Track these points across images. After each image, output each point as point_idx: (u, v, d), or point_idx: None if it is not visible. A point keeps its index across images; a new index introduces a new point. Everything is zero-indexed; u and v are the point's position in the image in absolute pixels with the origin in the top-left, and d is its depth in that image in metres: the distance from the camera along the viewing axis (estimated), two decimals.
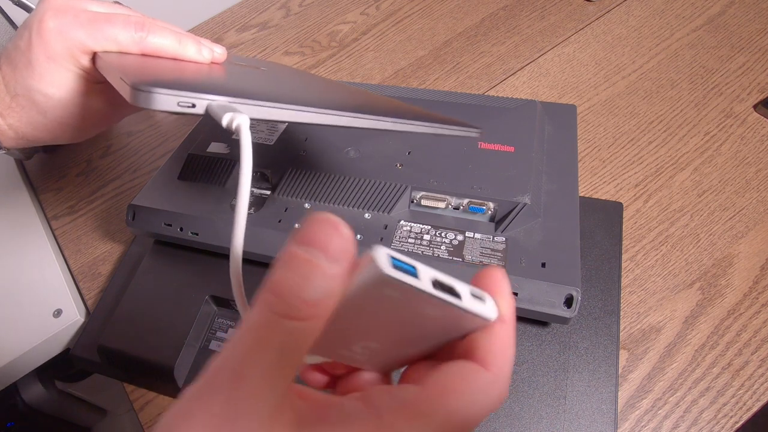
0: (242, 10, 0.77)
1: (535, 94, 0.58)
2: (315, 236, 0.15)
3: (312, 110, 0.27)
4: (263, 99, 0.26)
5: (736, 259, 0.43)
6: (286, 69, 0.48)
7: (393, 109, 0.35)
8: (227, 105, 0.25)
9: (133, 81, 0.25)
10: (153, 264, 0.45)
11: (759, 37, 0.58)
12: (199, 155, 0.47)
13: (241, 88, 0.31)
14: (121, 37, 0.33)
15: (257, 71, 0.40)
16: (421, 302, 0.16)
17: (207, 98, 0.25)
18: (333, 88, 0.41)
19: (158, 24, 0.35)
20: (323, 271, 0.15)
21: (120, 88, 0.27)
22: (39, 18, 0.33)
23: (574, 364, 0.37)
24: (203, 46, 0.36)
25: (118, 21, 0.33)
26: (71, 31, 0.32)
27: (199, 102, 0.25)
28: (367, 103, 0.36)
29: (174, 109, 0.24)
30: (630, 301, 0.42)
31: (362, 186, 0.42)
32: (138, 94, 0.24)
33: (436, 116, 0.36)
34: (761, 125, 0.51)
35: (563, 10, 0.66)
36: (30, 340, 0.48)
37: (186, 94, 0.24)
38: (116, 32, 0.33)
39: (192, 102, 0.24)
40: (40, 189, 0.61)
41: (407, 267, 0.15)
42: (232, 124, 0.23)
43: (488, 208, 0.40)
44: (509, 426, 0.34)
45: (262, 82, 0.37)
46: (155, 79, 0.26)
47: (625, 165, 0.51)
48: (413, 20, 0.70)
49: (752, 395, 0.37)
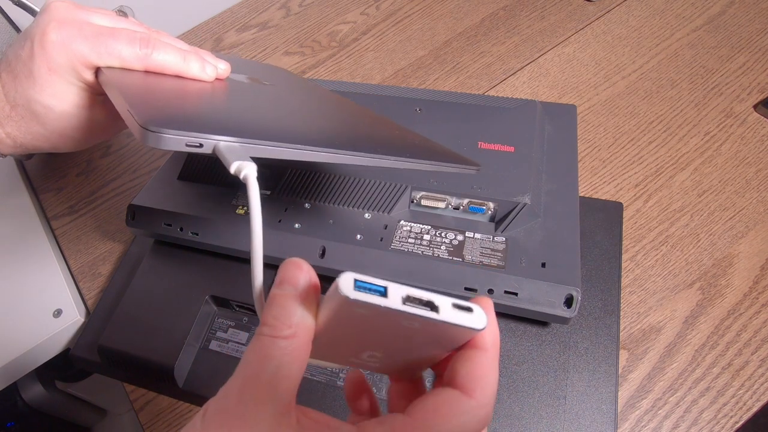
0: (242, 10, 0.77)
1: (535, 94, 0.58)
2: (286, 276, 0.20)
3: (317, 150, 0.28)
4: (269, 138, 0.27)
5: (736, 259, 0.43)
6: (289, 81, 0.48)
7: (397, 142, 0.36)
8: (235, 147, 0.25)
9: (143, 120, 0.25)
10: (153, 264, 0.45)
11: (759, 37, 0.58)
12: (199, 155, 0.47)
13: (248, 124, 0.31)
14: (125, 53, 0.33)
15: (260, 90, 0.40)
16: (397, 318, 0.17)
17: (214, 139, 0.25)
18: (338, 114, 0.41)
19: (163, 40, 0.34)
20: (295, 299, 0.19)
21: (126, 119, 0.27)
22: (42, 29, 0.32)
23: (574, 364, 0.37)
24: (207, 63, 0.35)
25: (123, 36, 0.33)
26: (74, 45, 0.32)
27: (207, 143, 0.25)
28: (371, 136, 0.37)
29: (182, 149, 0.25)
30: (630, 301, 0.42)
31: (362, 186, 0.42)
32: (147, 134, 0.25)
33: (438, 151, 0.37)
34: (761, 125, 0.51)
35: (563, 10, 0.66)
36: (30, 340, 0.48)
37: (194, 135, 0.25)
38: (120, 48, 0.33)
39: (200, 142, 0.25)
40: (40, 189, 0.61)
41: (375, 287, 0.17)
42: (240, 174, 0.24)
43: (488, 208, 0.40)
44: (509, 426, 0.34)
45: (268, 110, 0.36)
46: (164, 118, 0.26)
47: (625, 165, 0.51)
48: (413, 20, 0.70)
49: (752, 395, 0.37)
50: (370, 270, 0.38)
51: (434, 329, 0.18)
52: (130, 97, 0.29)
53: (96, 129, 0.37)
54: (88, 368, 0.45)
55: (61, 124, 0.35)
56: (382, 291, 0.17)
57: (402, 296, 0.17)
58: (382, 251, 0.38)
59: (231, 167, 0.24)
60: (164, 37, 0.35)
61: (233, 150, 0.25)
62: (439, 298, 0.18)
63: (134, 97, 0.29)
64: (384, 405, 0.27)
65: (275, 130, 0.30)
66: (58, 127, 0.35)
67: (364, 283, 0.17)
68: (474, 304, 0.18)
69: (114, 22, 0.35)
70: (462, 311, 0.18)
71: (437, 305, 0.18)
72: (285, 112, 0.37)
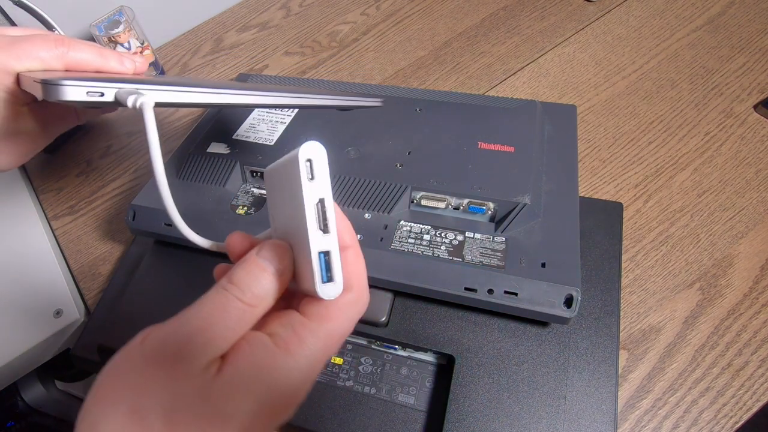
0: (242, 10, 0.77)
1: (535, 94, 0.58)
2: (270, 254, 0.21)
3: (211, 91, 0.30)
4: (168, 84, 0.28)
5: (736, 260, 0.43)
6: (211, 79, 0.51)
7: (294, 90, 0.38)
8: (133, 90, 0.26)
9: (43, 78, 0.26)
10: (153, 264, 0.45)
11: (759, 37, 0.58)
12: (199, 155, 0.47)
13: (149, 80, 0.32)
14: (43, 54, 0.34)
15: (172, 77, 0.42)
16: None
17: (114, 86, 0.26)
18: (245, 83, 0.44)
19: (78, 40, 0.36)
20: (272, 276, 0.21)
21: (35, 90, 0.28)
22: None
23: (574, 364, 0.37)
24: (125, 58, 0.37)
25: (37, 40, 0.34)
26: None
27: (107, 90, 0.26)
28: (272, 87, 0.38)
29: (84, 98, 0.26)
30: (630, 301, 0.42)
31: (362, 186, 0.42)
32: (47, 87, 0.26)
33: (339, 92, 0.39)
34: (761, 125, 0.51)
35: (563, 10, 0.66)
36: (30, 340, 0.48)
37: (93, 84, 0.26)
38: (37, 50, 0.34)
39: (100, 91, 0.26)
40: (41, 189, 0.61)
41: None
42: (137, 104, 0.25)
43: (488, 208, 0.40)
44: (509, 426, 0.34)
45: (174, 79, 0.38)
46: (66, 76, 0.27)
47: (625, 165, 0.51)
48: (413, 20, 0.70)
49: (752, 395, 0.37)
50: (370, 270, 0.38)
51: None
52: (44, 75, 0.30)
53: (26, 140, 0.38)
54: (88, 368, 0.45)
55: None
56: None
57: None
58: (382, 251, 0.38)
59: (128, 101, 0.25)
60: (80, 40, 0.37)
61: (133, 92, 0.26)
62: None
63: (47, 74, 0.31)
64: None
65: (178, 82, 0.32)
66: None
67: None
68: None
69: (28, 32, 0.37)
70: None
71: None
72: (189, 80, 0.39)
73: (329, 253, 0.20)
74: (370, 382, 0.39)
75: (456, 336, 0.38)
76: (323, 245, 0.20)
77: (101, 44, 0.62)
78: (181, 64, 0.71)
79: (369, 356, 0.40)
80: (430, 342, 0.38)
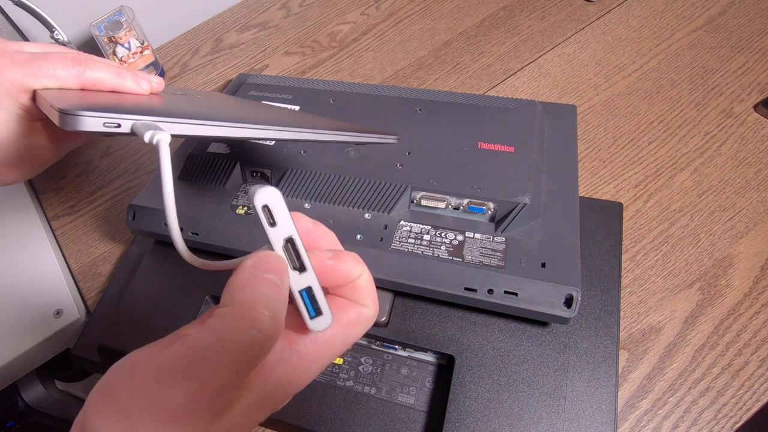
0: (242, 10, 0.77)
1: (535, 94, 0.58)
2: (271, 265, 0.20)
3: (227, 125, 0.30)
4: (183, 117, 0.28)
5: (736, 260, 0.43)
6: (221, 96, 0.50)
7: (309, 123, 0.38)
8: (150, 124, 0.26)
9: (60, 106, 0.26)
10: (153, 264, 0.45)
11: (759, 38, 0.58)
12: (200, 155, 0.47)
13: (165, 109, 0.32)
14: (59, 72, 0.34)
15: (189, 98, 0.42)
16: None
17: (131, 119, 0.26)
18: (259, 109, 0.43)
19: (95, 59, 0.36)
20: (285, 299, 0.20)
21: (51, 115, 0.28)
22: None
23: (574, 364, 0.37)
24: (141, 79, 0.37)
25: (55, 58, 0.34)
26: (8, 72, 0.33)
27: (124, 122, 0.26)
28: (287, 119, 0.38)
29: (101, 129, 0.26)
30: (630, 301, 0.42)
31: (362, 186, 0.42)
32: (65, 117, 0.26)
33: (353, 129, 0.39)
34: (761, 125, 0.51)
35: (563, 11, 0.66)
36: (30, 340, 0.48)
37: (111, 116, 0.26)
38: (53, 68, 0.33)
39: (117, 122, 0.26)
40: (41, 189, 0.61)
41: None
42: (153, 140, 0.25)
43: (488, 208, 0.40)
44: (509, 426, 0.34)
45: (188, 105, 0.38)
46: (83, 104, 0.27)
47: (625, 165, 0.51)
48: (413, 20, 0.70)
49: (752, 395, 0.37)
50: (371, 270, 0.38)
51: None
52: (60, 98, 0.30)
53: (38, 155, 0.38)
54: (88, 368, 0.45)
55: (2, 154, 0.36)
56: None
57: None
58: (382, 251, 0.38)
59: (145, 136, 0.25)
60: (97, 58, 0.36)
61: (150, 126, 0.26)
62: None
63: (63, 97, 0.30)
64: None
65: (192, 113, 0.31)
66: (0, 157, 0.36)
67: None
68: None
69: (45, 48, 0.36)
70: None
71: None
72: (207, 107, 0.39)
73: (311, 289, 0.21)
74: (370, 382, 0.39)
75: (456, 336, 0.38)
76: (302, 283, 0.21)
77: (101, 44, 0.62)
78: (181, 64, 0.71)
79: (369, 356, 0.40)
80: (430, 342, 0.38)
